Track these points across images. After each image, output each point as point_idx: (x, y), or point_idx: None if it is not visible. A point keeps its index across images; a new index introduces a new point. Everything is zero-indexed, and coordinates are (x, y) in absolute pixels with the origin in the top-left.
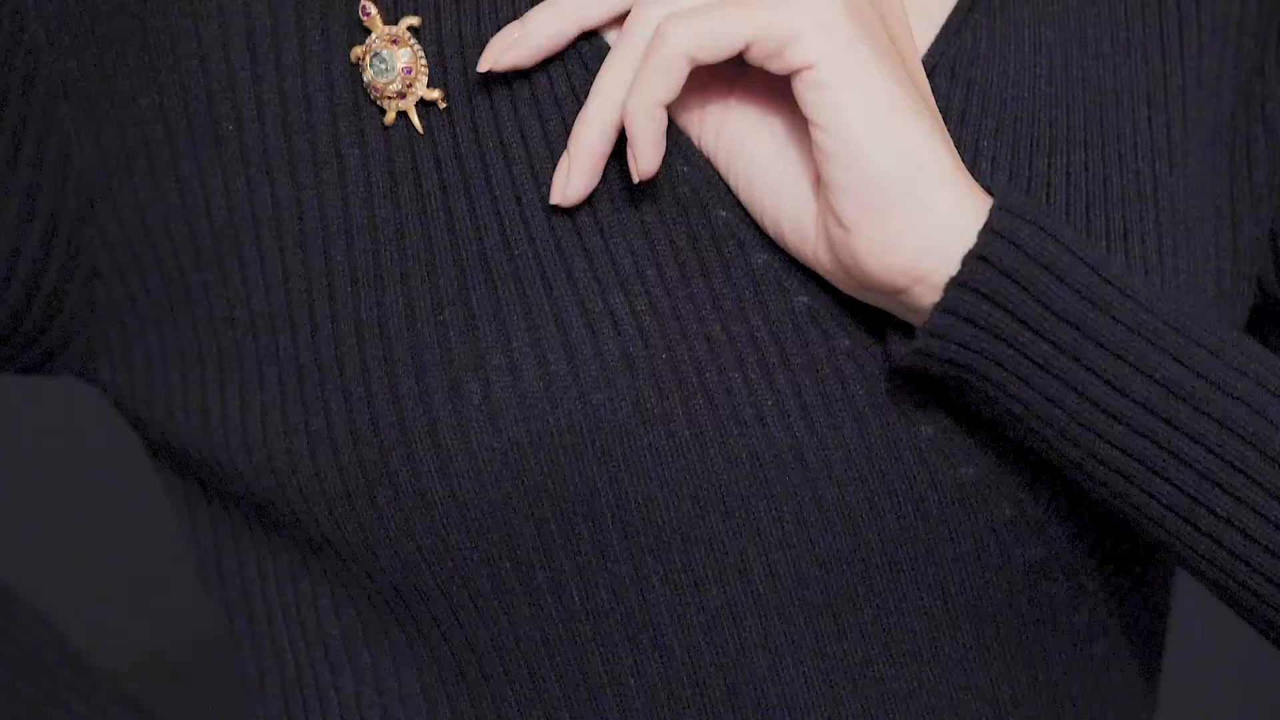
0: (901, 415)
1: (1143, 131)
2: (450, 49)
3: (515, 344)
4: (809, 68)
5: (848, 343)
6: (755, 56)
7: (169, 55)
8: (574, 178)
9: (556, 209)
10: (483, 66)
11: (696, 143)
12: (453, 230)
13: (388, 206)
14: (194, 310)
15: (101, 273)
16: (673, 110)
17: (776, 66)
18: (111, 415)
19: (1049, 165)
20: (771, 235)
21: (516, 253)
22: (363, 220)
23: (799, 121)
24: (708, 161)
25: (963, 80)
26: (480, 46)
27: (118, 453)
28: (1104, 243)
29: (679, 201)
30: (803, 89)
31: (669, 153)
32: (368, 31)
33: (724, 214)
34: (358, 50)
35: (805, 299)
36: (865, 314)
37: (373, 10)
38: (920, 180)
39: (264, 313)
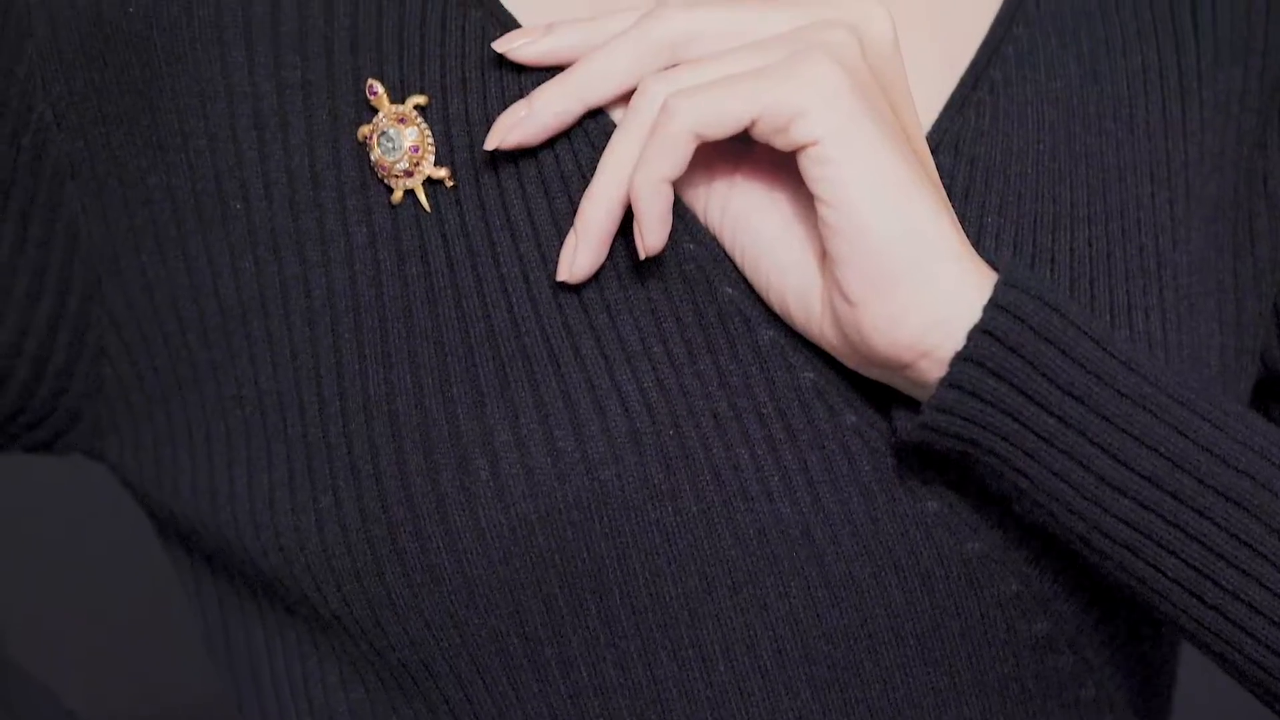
0: (907, 491)
1: (1146, 207)
2: (457, 128)
3: (523, 420)
4: (814, 143)
5: (853, 418)
6: (760, 132)
7: (177, 135)
8: (581, 255)
9: (563, 286)
10: (490, 145)
11: (702, 219)
12: (460, 308)
13: (395, 284)
14: (202, 389)
15: (109, 352)
16: (678, 187)
17: (781, 142)
18: (117, 489)
19: (1053, 241)
20: (777, 311)
21: (524, 330)
22: (370, 298)
23: (804, 197)
24: (713, 238)
25: (966, 157)
26: (487, 125)
27: (125, 525)
28: (1108, 318)
29: (685, 278)
30: (808, 164)
31: (675, 229)
32: (375, 110)
33: (730, 290)
34: (365, 129)
35: (811, 375)
36: (870, 389)
37: (379, 89)
38: (925, 255)
39: (271, 391)
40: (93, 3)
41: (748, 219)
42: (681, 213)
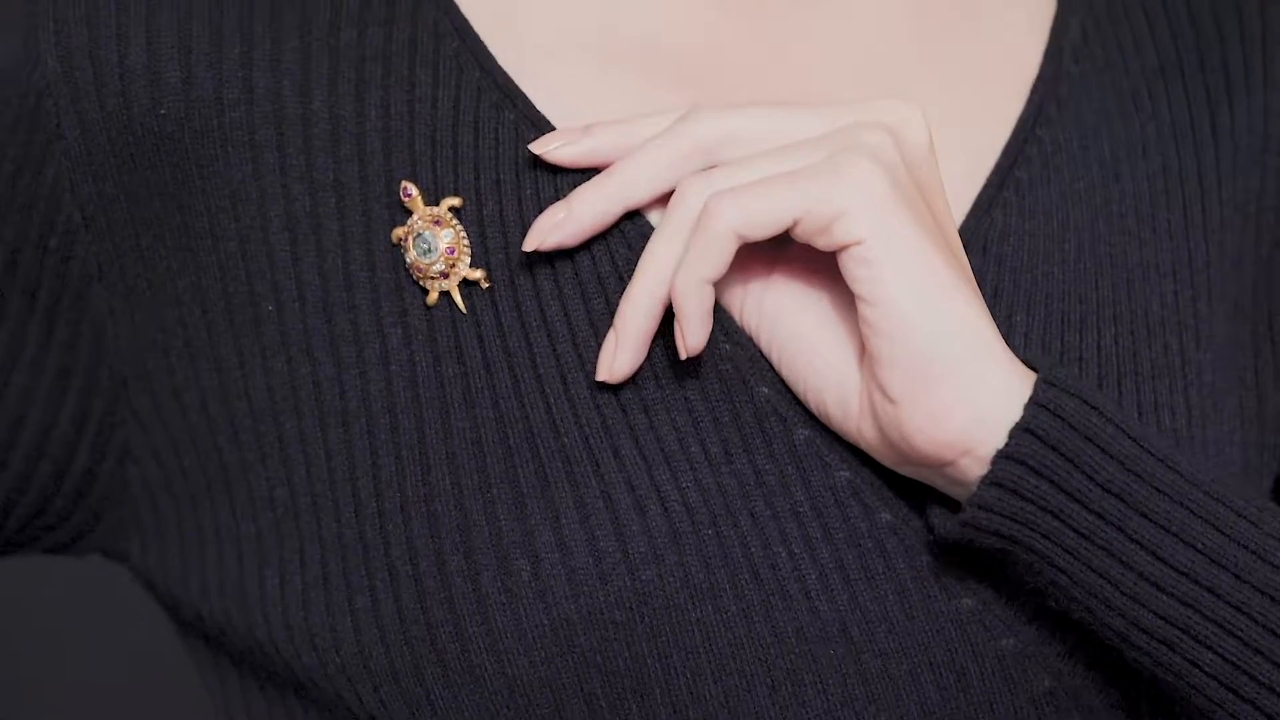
0: (943, 588)
1: (1169, 306)
2: (492, 229)
3: (564, 522)
4: (857, 243)
5: (889, 517)
6: (802, 232)
7: (207, 237)
8: (621, 355)
9: (601, 387)
10: (528, 246)
11: (738, 319)
12: (498, 409)
13: (432, 386)
14: (231, 490)
15: (135, 453)
16: (715, 287)
17: (823, 242)
18: (136, 588)
19: (1081, 340)
20: (814, 410)
21: (563, 431)
22: (407, 399)
23: (842, 296)
24: (749, 339)
25: (994, 257)
26: (522, 226)
27: (145, 624)
28: (1135, 416)
29: (721, 378)
30: (850, 264)
31: (711, 330)
32: (408, 212)
33: (765, 390)
34: (399, 231)
35: (846, 473)
36: (905, 487)
37: (414, 191)
38: (967, 354)
39: (305, 492)
40: (123, 105)
41: (785, 319)
42: (718, 313)
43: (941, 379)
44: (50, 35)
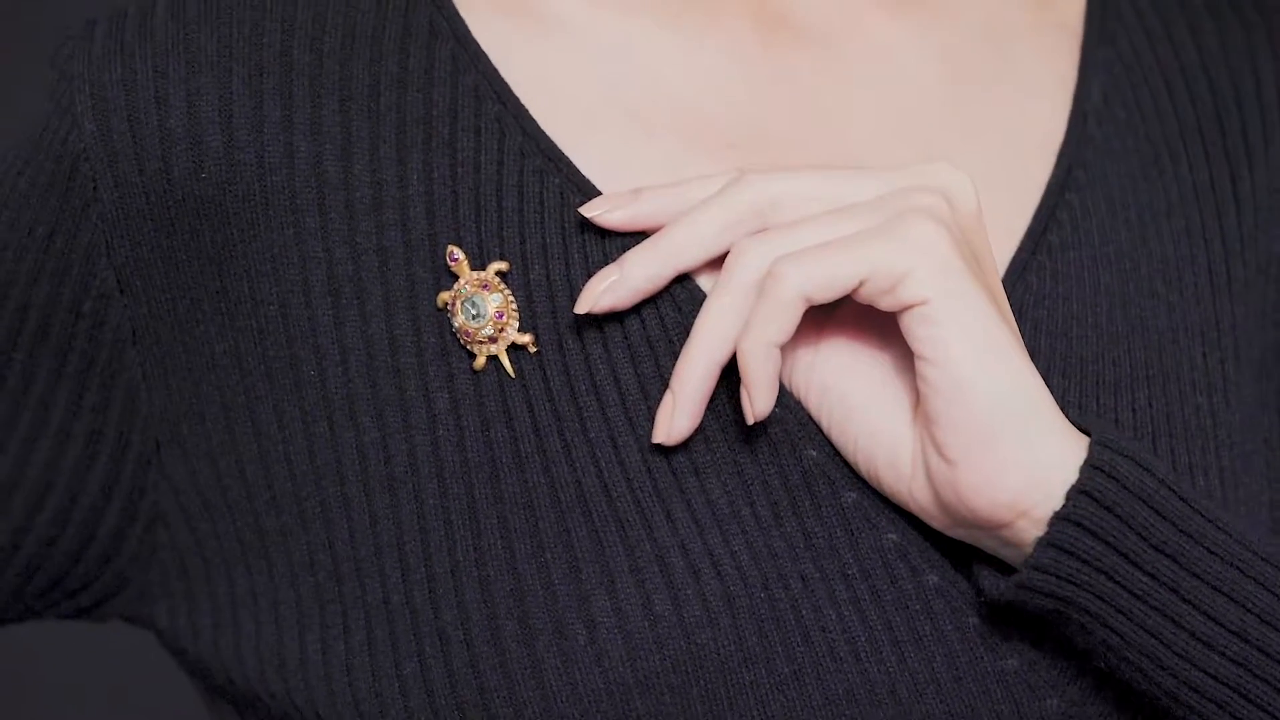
0: (989, 649)
1: (1199, 368)
2: (539, 293)
3: (620, 585)
4: (921, 303)
5: (935, 579)
6: (866, 294)
7: (247, 301)
8: (679, 417)
9: (653, 450)
10: (580, 309)
11: (787, 382)
12: (549, 473)
13: (481, 449)
14: (269, 555)
15: (166, 517)
16: None
17: (887, 303)
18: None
19: (1115, 402)
20: (864, 473)
21: (615, 494)
22: (455, 464)
23: (892, 358)
24: (797, 402)
25: (1030, 320)
26: (569, 290)
27: (167, 691)
28: None
29: (770, 441)
30: (913, 324)
31: None
32: (454, 276)
33: (813, 453)
34: (445, 295)
35: (894, 536)
36: (950, 549)
37: (460, 255)
38: (1026, 415)
39: (349, 557)
40: (163, 169)
41: (835, 382)
42: None
43: (1000, 440)
44: (87, 99)
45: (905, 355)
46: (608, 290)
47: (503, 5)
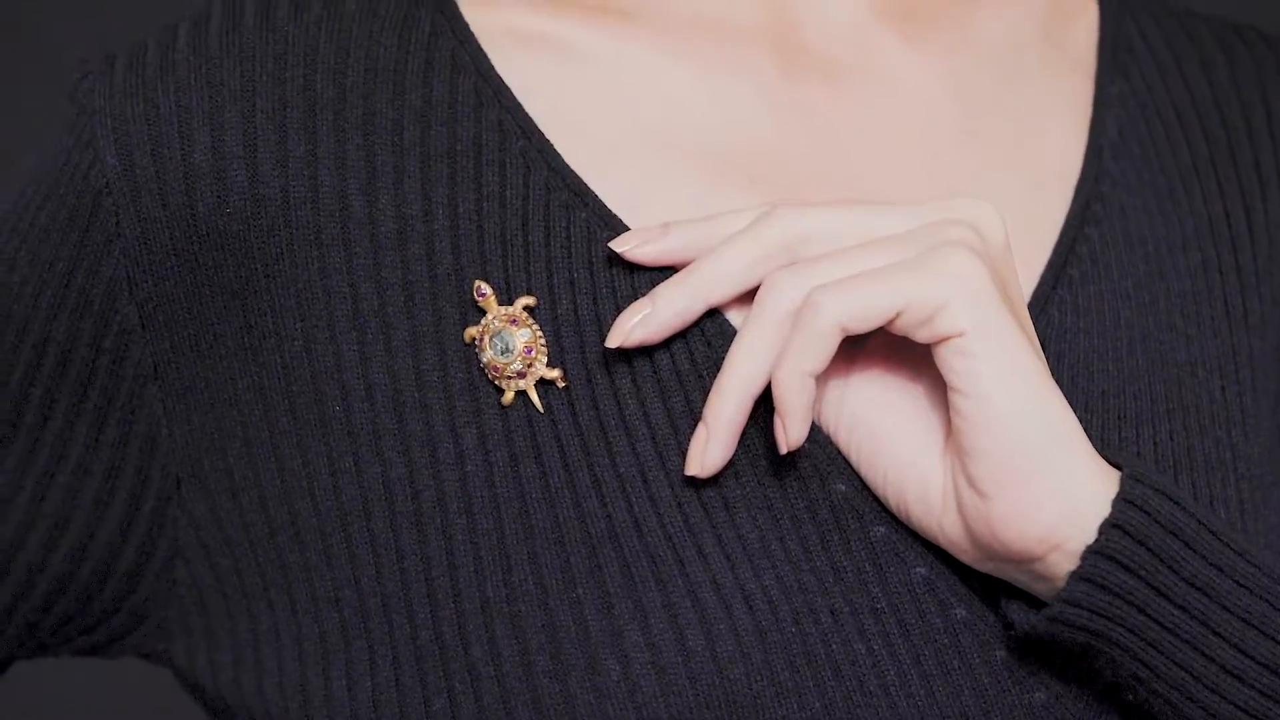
0: (1015, 682)
1: (1218, 401)
2: (567, 328)
3: (653, 620)
4: (958, 335)
5: (963, 613)
6: (902, 325)
7: (271, 336)
8: (713, 449)
9: (684, 484)
10: (612, 343)
11: (815, 417)
12: (579, 508)
13: (510, 485)
14: (292, 591)
15: (185, 553)
16: None
17: (923, 334)
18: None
19: (1137, 435)
20: (893, 508)
21: (646, 530)
22: (484, 500)
23: (923, 390)
24: (826, 436)
25: (1054, 354)
26: (597, 325)
27: None
28: None
29: (799, 475)
30: (949, 356)
31: None
32: (481, 311)
33: (842, 488)
34: (472, 330)
35: (922, 570)
36: (978, 582)
37: (487, 290)
38: (1060, 448)
39: (375, 593)
40: (187, 203)
41: (865, 415)
42: None
43: (1034, 473)
44: (109, 133)
45: (935, 388)
46: (639, 324)
47: (524, 38)
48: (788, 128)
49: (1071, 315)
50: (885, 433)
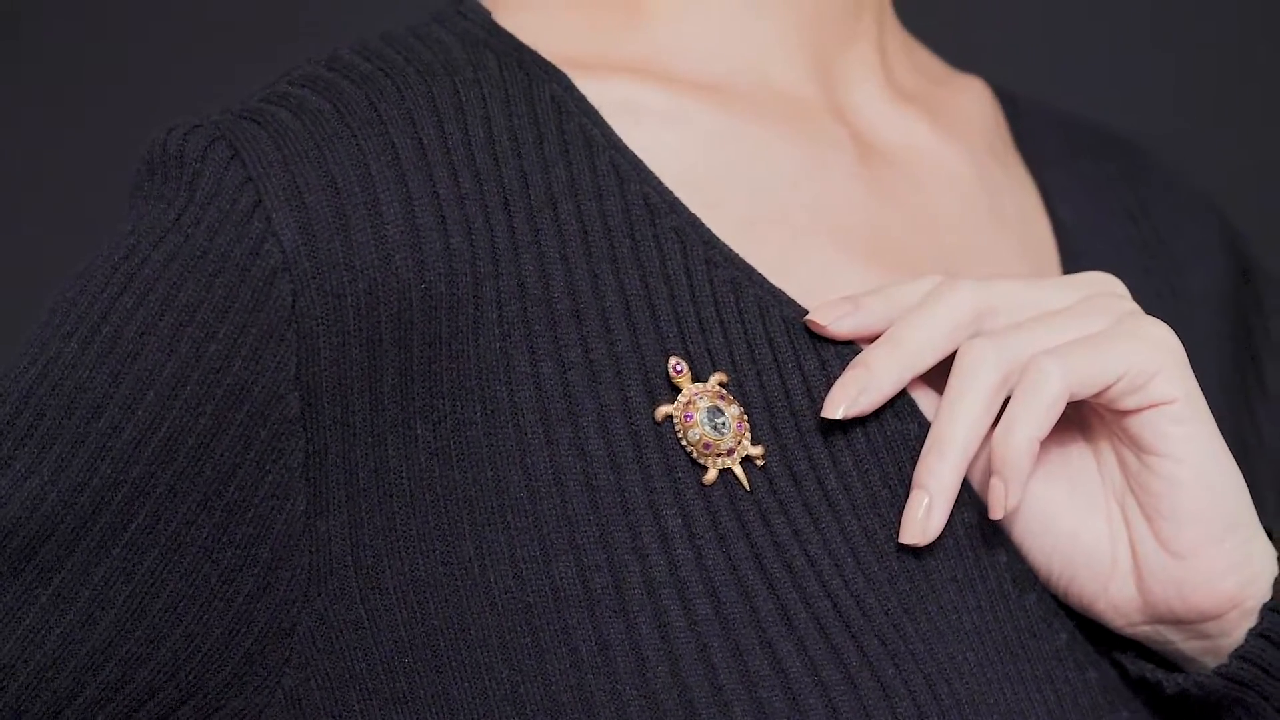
0: None
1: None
2: (756, 403)
3: (896, 703)
4: (1170, 402)
5: (1095, 675)
6: (1115, 391)
7: (447, 420)
8: (935, 515)
9: (897, 558)
10: (834, 414)
11: (978, 489)
12: (801, 589)
13: (723, 568)
14: (449, 693)
15: (297, 659)
16: None
17: (1132, 401)
18: None
19: None
20: (1055, 575)
21: (866, 607)
22: (697, 584)
23: (1076, 457)
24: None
25: None
26: (785, 399)
27: None
28: None
29: (972, 546)
30: (1161, 423)
31: (961, 499)
32: (674, 389)
33: (1004, 559)
34: (666, 409)
35: (1065, 635)
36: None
37: (684, 367)
38: (1247, 510)
39: (570, 687)
40: (380, 280)
41: (1030, 489)
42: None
43: (1228, 533)
44: (283, 205)
45: (1086, 454)
46: (861, 393)
47: (634, 109)
48: (880, 205)
49: None
50: (1052, 504)
